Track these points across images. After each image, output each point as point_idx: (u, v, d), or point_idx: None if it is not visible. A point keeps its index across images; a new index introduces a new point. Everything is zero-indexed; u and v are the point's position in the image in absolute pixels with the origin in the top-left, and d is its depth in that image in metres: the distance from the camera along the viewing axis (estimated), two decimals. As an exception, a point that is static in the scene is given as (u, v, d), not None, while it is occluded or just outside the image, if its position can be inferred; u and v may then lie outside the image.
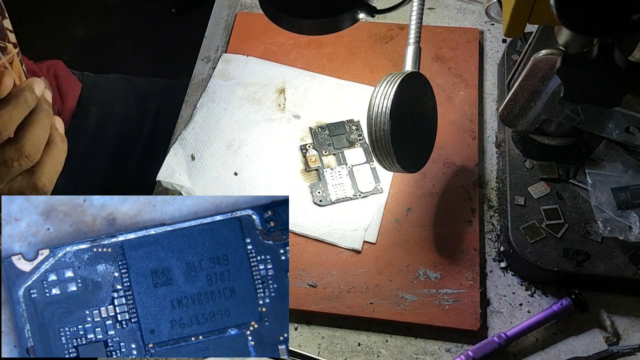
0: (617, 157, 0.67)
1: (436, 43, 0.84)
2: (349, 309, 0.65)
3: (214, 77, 0.82)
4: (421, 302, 0.65)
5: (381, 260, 0.68)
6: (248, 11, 0.91)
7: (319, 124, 0.78)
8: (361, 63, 0.83)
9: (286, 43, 0.85)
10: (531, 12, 0.50)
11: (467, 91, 0.79)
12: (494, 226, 0.71)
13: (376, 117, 0.58)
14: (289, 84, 0.81)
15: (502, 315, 0.65)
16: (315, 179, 0.73)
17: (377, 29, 0.86)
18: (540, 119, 0.64)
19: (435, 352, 0.63)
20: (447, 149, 0.75)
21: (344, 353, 0.64)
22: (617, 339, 0.63)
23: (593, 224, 0.65)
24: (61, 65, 0.95)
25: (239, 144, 0.76)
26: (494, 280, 0.67)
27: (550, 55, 0.57)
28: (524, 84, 0.61)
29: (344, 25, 0.59)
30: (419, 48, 0.63)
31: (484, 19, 0.88)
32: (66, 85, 0.92)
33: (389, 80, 0.59)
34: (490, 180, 0.74)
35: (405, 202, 0.71)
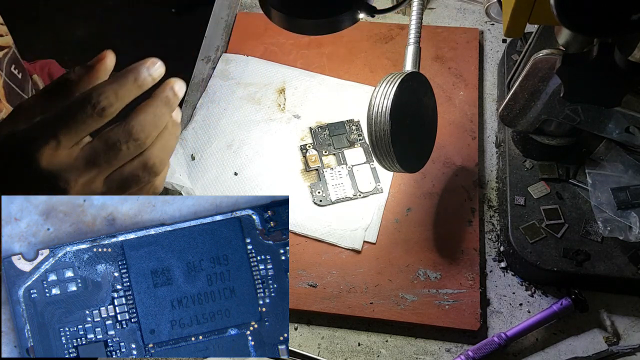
0: (617, 157, 0.67)
1: (436, 43, 0.84)
2: (349, 309, 0.65)
3: (214, 77, 0.82)
4: (421, 302, 0.65)
5: (381, 260, 0.68)
6: (248, 11, 0.91)
7: (319, 124, 0.78)
8: (361, 63, 0.83)
9: (286, 43, 0.85)
10: (531, 12, 0.50)
11: (467, 91, 0.79)
12: (494, 226, 0.71)
13: (376, 117, 0.58)
14: (289, 84, 0.81)
15: (502, 315, 0.65)
16: (315, 179, 0.73)
17: (377, 29, 0.86)
18: (540, 119, 0.64)
19: (435, 352, 0.63)
20: (447, 149, 0.75)
21: (344, 353, 0.64)
22: (617, 339, 0.63)
23: (593, 224, 0.65)
24: (55, 64, 0.95)
25: (239, 144, 0.76)
26: (494, 280, 0.67)
27: (550, 55, 0.57)
28: (524, 84, 0.61)
29: (344, 25, 0.59)
30: (419, 48, 0.63)
31: (484, 19, 0.88)
32: None
33: (389, 80, 0.59)
34: (490, 180, 0.74)
35: (405, 202, 0.71)
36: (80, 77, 0.47)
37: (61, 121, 0.43)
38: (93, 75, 0.47)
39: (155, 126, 0.46)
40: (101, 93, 0.44)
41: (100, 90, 0.44)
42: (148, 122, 0.46)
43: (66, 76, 0.47)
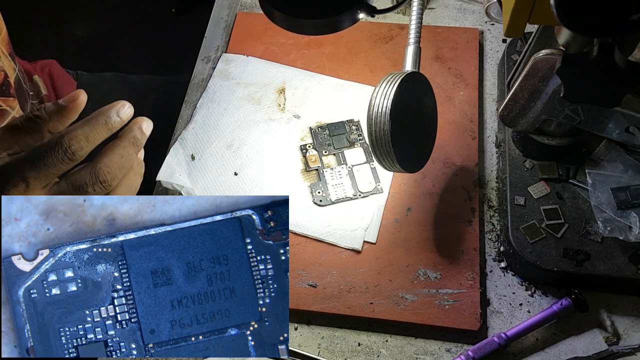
0: (617, 157, 0.67)
1: (436, 43, 0.84)
2: (349, 309, 0.65)
3: (214, 77, 0.82)
4: (421, 302, 0.65)
5: (381, 260, 0.68)
6: (248, 11, 0.91)
7: (319, 124, 0.78)
8: (361, 63, 0.83)
9: (286, 43, 0.85)
10: (531, 12, 0.50)
11: (467, 91, 0.79)
12: (494, 226, 0.71)
13: (376, 117, 0.58)
14: (289, 84, 0.81)
15: (502, 315, 0.65)
16: (315, 179, 0.73)
17: (377, 29, 0.86)
18: (540, 119, 0.64)
19: (435, 352, 0.63)
20: (447, 149, 0.75)
21: (344, 353, 0.64)
22: (617, 339, 0.63)
23: (593, 224, 0.65)
24: (55, 64, 0.95)
25: (239, 144, 0.76)
26: (494, 280, 0.67)
27: (550, 55, 0.57)
28: (524, 84, 0.61)
29: (344, 25, 0.59)
30: (419, 48, 0.63)
31: (484, 19, 0.88)
32: (61, 83, 0.93)
33: (389, 80, 0.59)
34: (490, 180, 0.74)
35: (405, 202, 0.71)
36: (51, 116, 0.47)
37: (31, 163, 0.44)
38: (65, 115, 0.48)
39: (121, 167, 0.47)
40: (72, 137, 0.45)
41: (72, 135, 0.45)
42: (115, 164, 0.47)
43: (36, 113, 0.47)
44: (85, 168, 0.46)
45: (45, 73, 0.92)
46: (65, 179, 0.46)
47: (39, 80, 0.89)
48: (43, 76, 0.91)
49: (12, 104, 0.77)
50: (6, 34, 0.76)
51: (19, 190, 0.44)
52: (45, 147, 0.44)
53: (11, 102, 0.77)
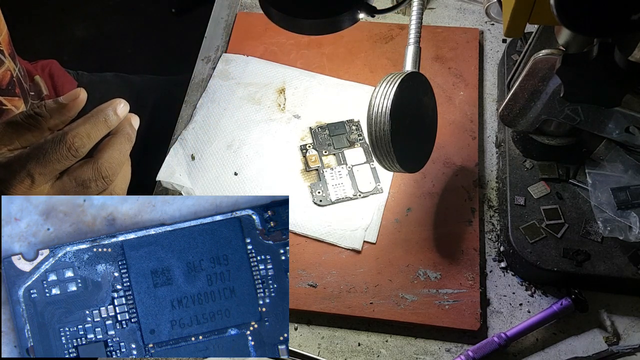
0: (617, 157, 0.67)
1: (436, 43, 0.84)
2: (349, 309, 0.65)
3: (214, 77, 0.82)
4: (421, 302, 0.65)
5: (381, 260, 0.68)
6: (248, 11, 0.91)
7: (319, 124, 0.78)
8: (361, 63, 0.83)
9: (286, 43, 0.85)
10: (531, 12, 0.50)
11: (467, 91, 0.79)
12: (494, 226, 0.71)
13: (376, 117, 0.58)
14: (289, 84, 0.81)
15: (502, 315, 0.65)
16: (315, 179, 0.73)
17: (377, 29, 0.86)
18: (540, 119, 0.64)
19: (435, 352, 0.63)
20: (447, 149, 0.75)
21: (344, 353, 0.64)
22: (617, 339, 0.63)
23: (593, 224, 0.65)
24: (56, 64, 0.95)
25: (239, 144, 0.76)
26: (494, 280, 0.67)
27: (550, 55, 0.57)
28: (524, 84, 0.61)
29: (344, 25, 0.59)
30: (419, 48, 0.63)
31: (484, 19, 0.88)
32: (61, 83, 0.93)
33: (389, 80, 0.59)
34: (490, 180, 0.74)
35: (405, 202, 0.71)
36: (51, 113, 0.49)
37: (36, 160, 0.46)
38: (65, 113, 0.50)
39: (120, 163, 0.50)
40: (75, 135, 0.47)
41: (74, 132, 0.47)
42: (115, 159, 0.49)
43: (37, 111, 0.49)
44: (87, 164, 0.48)
45: (46, 73, 0.92)
46: (67, 175, 0.48)
47: (40, 81, 0.89)
48: (44, 76, 0.91)
49: (17, 104, 0.77)
50: (7, 34, 0.76)
51: (24, 185, 0.46)
52: (50, 144, 0.46)
53: (16, 101, 0.77)
